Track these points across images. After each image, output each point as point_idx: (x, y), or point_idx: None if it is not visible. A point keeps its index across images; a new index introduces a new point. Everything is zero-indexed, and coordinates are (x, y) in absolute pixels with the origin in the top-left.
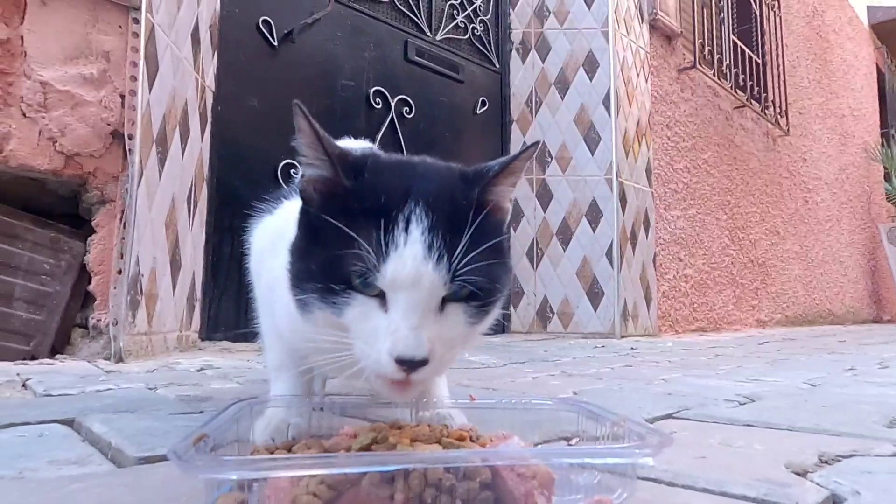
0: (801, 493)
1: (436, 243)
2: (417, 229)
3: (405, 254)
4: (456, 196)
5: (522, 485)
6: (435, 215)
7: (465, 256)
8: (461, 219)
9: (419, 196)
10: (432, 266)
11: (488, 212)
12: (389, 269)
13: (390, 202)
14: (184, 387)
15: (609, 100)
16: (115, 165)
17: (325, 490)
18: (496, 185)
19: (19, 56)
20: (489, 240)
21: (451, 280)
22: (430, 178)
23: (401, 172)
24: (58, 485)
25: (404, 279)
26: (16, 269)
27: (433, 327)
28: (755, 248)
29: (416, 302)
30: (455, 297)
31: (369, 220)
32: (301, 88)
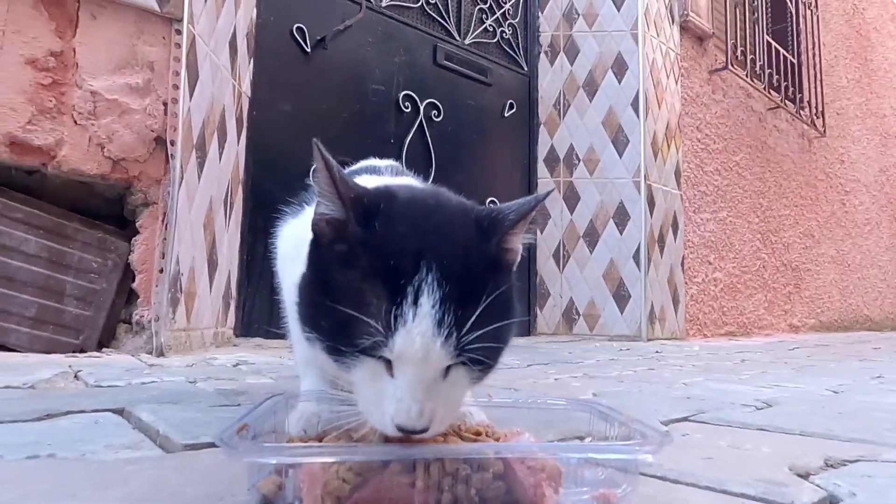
0: (797, 493)
1: (446, 319)
2: (428, 303)
3: (414, 331)
4: (471, 256)
5: (532, 476)
6: (447, 285)
7: (475, 330)
8: (474, 286)
9: (432, 260)
10: (440, 343)
11: (500, 263)
12: (398, 344)
13: (401, 265)
14: (221, 381)
15: (638, 102)
16: (158, 169)
17: (353, 476)
18: (512, 235)
19: (71, 67)
20: (500, 298)
21: (459, 354)
22: (444, 233)
23: (414, 224)
24: (115, 466)
25: (412, 355)
26: (67, 268)
27: (436, 397)
28: (788, 252)
29: (421, 376)
30: (461, 362)
31: (378, 284)
32: (333, 93)
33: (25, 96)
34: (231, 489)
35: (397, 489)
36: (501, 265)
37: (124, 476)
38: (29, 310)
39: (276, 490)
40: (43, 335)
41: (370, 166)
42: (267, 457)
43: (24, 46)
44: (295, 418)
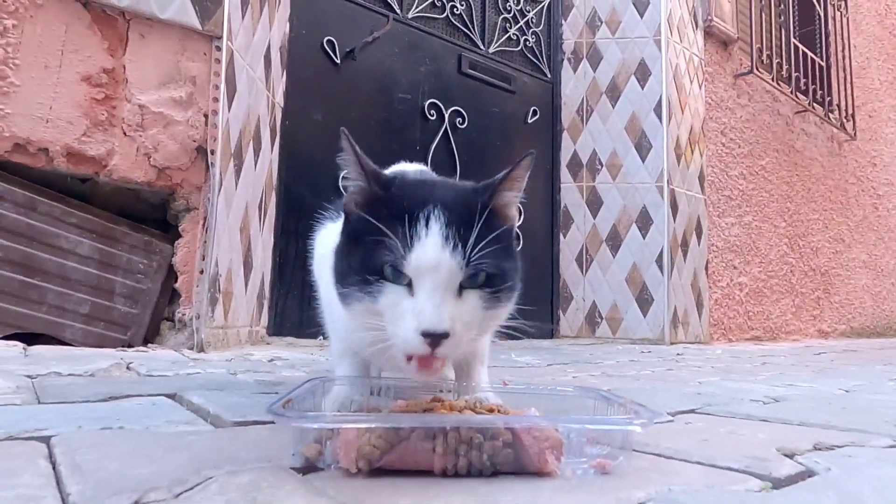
0: (777, 467)
1: (451, 235)
2: (436, 224)
3: (427, 244)
4: (468, 202)
5: (537, 445)
6: (450, 214)
7: (477, 246)
8: (472, 218)
9: (437, 201)
10: (449, 253)
11: (495, 215)
12: (414, 257)
13: (413, 206)
14: (259, 373)
15: (661, 107)
16: (199, 177)
17: (383, 443)
18: (501, 192)
19: (122, 83)
20: (498, 240)
21: (466, 265)
22: (446, 189)
23: (422, 186)
24: (178, 436)
25: (426, 265)
26: (116, 268)
27: (453, 307)
28: (817, 257)
29: (437, 284)
30: (471, 285)
31: (397, 220)
32: (361, 103)
33: (81, 110)
34: (278, 455)
35: (420, 454)
36: (496, 218)
37: (187, 443)
38: (83, 307)
39: (318, 455)
40: (95, 331)
41: (398, 172)
42: (310, 422)
43: (80, 64)
44: (330, 400)
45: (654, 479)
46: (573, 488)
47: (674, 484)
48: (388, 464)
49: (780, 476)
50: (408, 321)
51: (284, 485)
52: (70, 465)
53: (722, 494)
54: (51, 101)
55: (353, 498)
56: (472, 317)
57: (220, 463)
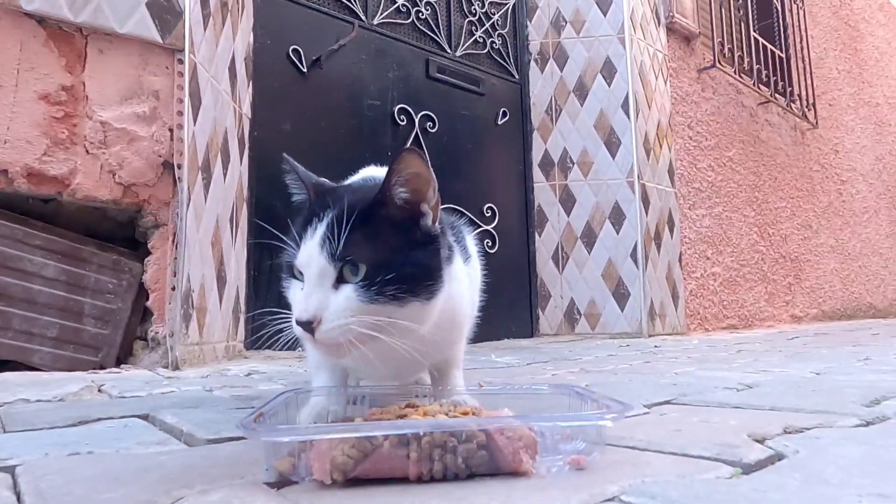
0: (747, 452)
1: (330, 234)
2: (322, 225)
3: (308, 244)
4: (360, 201)
5: (511, 445)
6: (339, 214)
7: (348, 242)
8: (354, 216)
9: (335, 205)
10: (322, 250)
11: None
12: (299, 256)
13: (317, 210)
14: (236, 388)
15: (628, 104)
16: (167, 192)
17: (356, 452)
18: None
19: (82, 100)
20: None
21: (334, 259)
22: (354, 191)
23: (338, 191)
24: (149, 456)
25: (303, 262)
26: (84, 289)
27: (321, 298)
28: (786, 244)
29: (310, 278)
30: (348, 278)
31: (305, 223)
32: (330, 111)
33: (40, 129)
34: (251, 470)
35: (394, 461)
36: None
37: (158, 463)
38: (51, 330)
39: (291, 468)
40: (65, 354)
41: (369, 178)
42: (282, 435)
43: (36, 82)
44: (306, 412)
45: (628, 471)
46: (547, 486)
47: (646, 475)
48: (362, 473)
49: (751, 461)
50: (295, 309)
51: (256, 500)
52: (34, 493)
53: (692, 483)
54: (7, 121)
55: None
56: (343, 305)
57: (192, 482)
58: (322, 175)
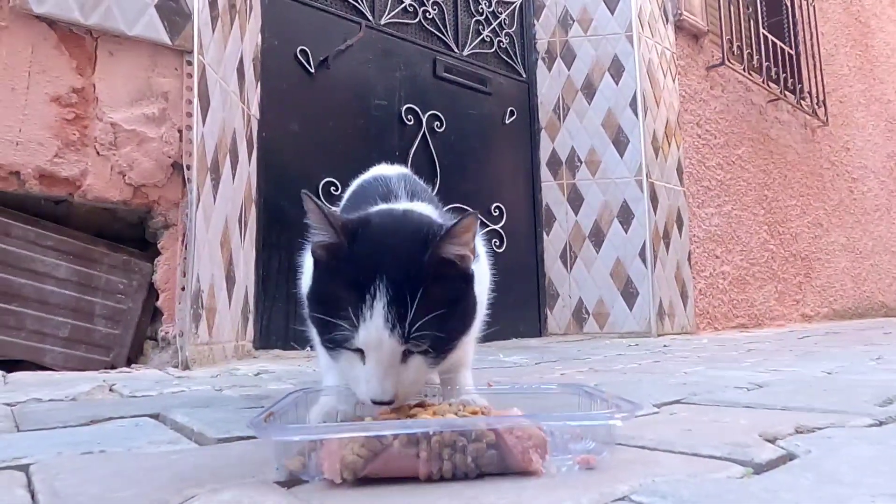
0: (758, 452)
1: (391, 316)
2: (379, 304)
3: (370, 326)
4: (413, 265)
5: (520, 444)
6: (393, 289)
7: (415, 324)
8: (415, 289)
9: (384, 270)
10: (389, 332)
11: (442, 270)
12: (360, 336)
13: (364, 277)
14: (245, 388)
15: (636, 102)
16: (176, 193)
17: (366, 451)
18: (445, 245)
19: (92, 101)
20: (442, 300)
21: (406, 341)
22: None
23: (377, 245)
24: (160, 456)
25: (370, 343)
26: (95, 290)
27: (396, 376)
28: (797, 242)
29: (380, 359)
30: (415, 350)
31: (351, 292)
32: (337, 111)
33: (51, 131)
34: (262, 469)
35: (404, 460)
36: (443, 274)
37: (169, 463)
38: (62, 330)
39: (301, 467)
40: (76, 354)
41: (379, 176)
42: (291, 435)
43: (48, 85)
44: (315, 411)
45: (638, 471)
46: (557, 485)
47: (657, 475)
48: (372, 472)
49: (762, 461)
50: (361, 387)
51: (267, 499)
52: (48, 492)
53: (703, 483)
54: (20, 123)
55: None
56: (416, 376)
57: (203, 481)
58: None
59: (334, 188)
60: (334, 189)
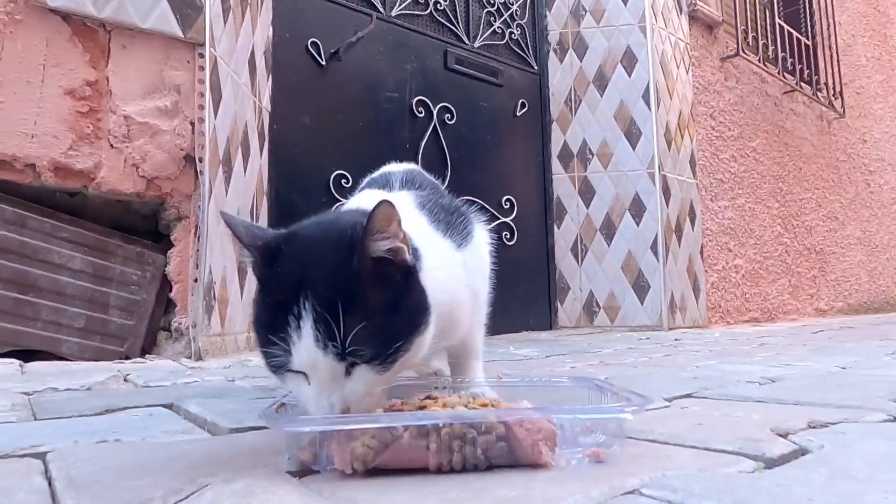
0: (770, 447)
1: (321, 334)
2: (307, 324)
3: (301, 348)
4: (339, 274)
5: (530, 437)
6: (319, 306)
7: (348, 337)
8: (341, 299)
9: (307, 287)
10: (322, 354)
11: (375, 270)
12: (294, 360)
13: (288, 297)
14: (257, 379)
15: (649, 94)
16: (189, 186)
17: (376, 443)
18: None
19: (106, 94)
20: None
21: (343, 357)
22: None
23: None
24: (174, 445)
25: (305, 366)
26: (110, 281)
27: (340, 391)
28: (811, 235)
29: (321, 379)
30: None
31: (278, 315)
32: (348, 104)
33: (66, 124)
34: (273, 459)
35: (414, 452)
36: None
37: (183, 452)
38: (78, 321)
39: (312, 458)
40: (91, 344)
41: (384, 174)
42: (303, 426)
43: (62, 78)
44: None
45: (648, 464)
46: (566, 477)
47: (667, 469)
48: (382, 464)
49: (773, 456)
50: (311, 407)
51: (278, 489)
52: (65, 479)
53: (714, 477)
54: (35, 116)
55: (348, 498)
56: (365, 387)
57: (216, 470)
58: (341, 168)
59: (345, 181)
60: (345, 182)
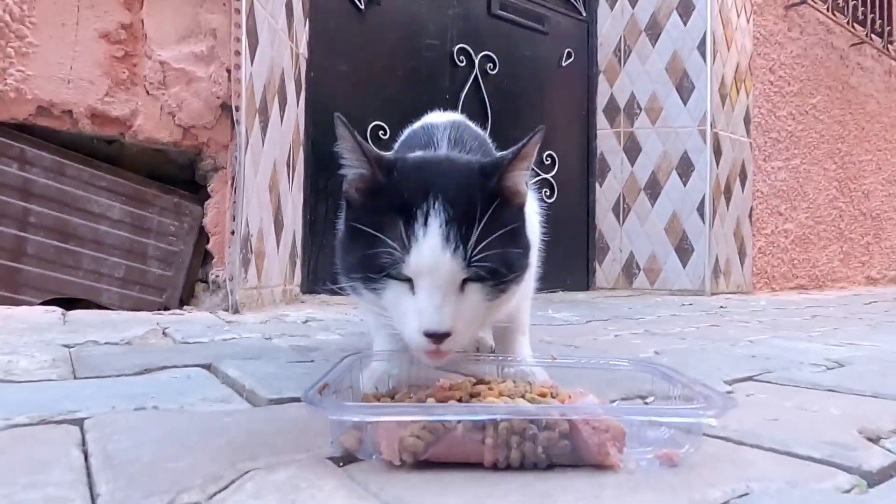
0: (865, 457)
1: (452, 234)
2: (435, 222)
3: (425, 246)
4: (472, 189)
5: (596, 436)
6: (452, 208)
7: (479, 244)
8: (476, 210)
9: (438, 191)
10: (449, 255)
11: (503, 200)
12: (412, 259)
13: (413, 199)
14: (294, 337)
15: (705, 45)
16: (225, 135)
17: (427, 434)
18: (510, 172)
19: (141, 38)
20: (503, 226)
21: (468, 265)
22: (449, 174)
23: (425, 170)
24: (213, 417)
25: (424, 267)
26: (148, 231)
27: (454, 305)
28: (868, 200)
29: (437, 284)
30: (474, 279)
31: (397, 216)
32: (387, 51)
33: (101, 69)
34: (316, 441)
35: (468, 445)
36: (504, 200)
37: (222, 426)
38: (118, 271)
39: (357, 444)
40: (131, 294)
41: (427, 127)
42: (349, 415)
43: (97, 21)
44: (367, 376)
45: (727, 472)
46: (639, 484)
47: (750, 479)
48: (434, 456)
49: (871, 468)
50: (411, 320)
51: (324, 483)
52: (102, 455)
53: (810, 495)
54: (70, 60)
55: (397, 497)
56: (475, 311)
57: (256, 452)
58: (379, 119)
59: (382, 132)
60: (382, 133)
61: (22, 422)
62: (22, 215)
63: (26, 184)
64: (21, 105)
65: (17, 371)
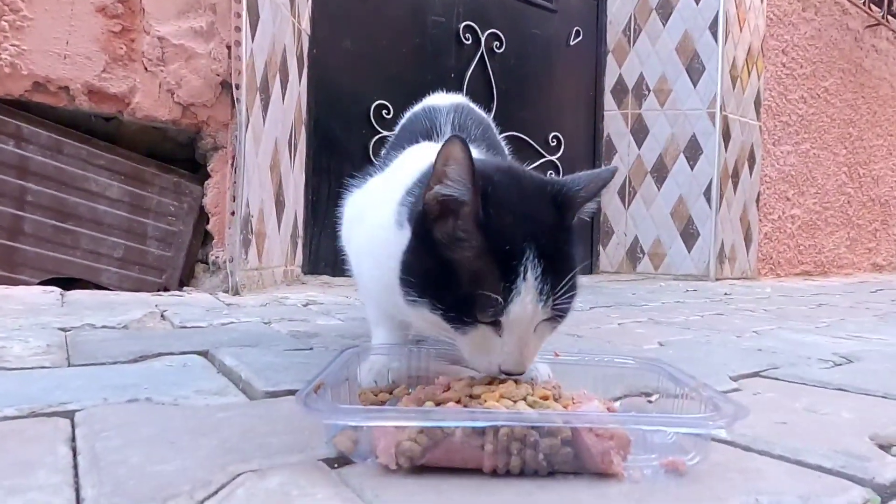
0: (878, 468)
1: (545, 288)
2: (532, 276)
3: (523, 300)
4: (557, 234)
5: (600, 444)
6: (543, 261)
7: (563, 294)
8: (563, 260)
9: (531, 239)
10: (541, 307)
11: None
12: (513, 312)
13: (511, 246)
14: (294, 322)
15: (717, 25)
16: (225, 114)
17: (424, 438)
18: (583, 202)
19: (139, 13)
20: (575, 267)
21: (550, 312)
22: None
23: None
24: (207, 413)
25: (522, 317)
26: (147, 211)
27: (531, 347)
28: (878, 186)
29: (525, 331)
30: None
31: (494, 264)
32: (391, 27)
33: (98, 45)
34: (311, 441)
35: (467, 451)
36: (573, 231)
37: (215, 424)
38: (117, 251)
39: (352, 446)
40: (130, 274)
41: (428, 107)
42: (344, 418)
43: None
44: (365, 370)
45: (736, 483)
46: (644, 496)
47: (760, 492)
48: (431, 461)
49: (885, 481)
50: (493, 356)
51: (317, 492)
52: (90, 455)
53: None
54: (66, 35)
55: None
56: (539, 345)
57: (249, 454)
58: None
59: (386, 111)
60: (386, 112)
61: (11, 414)
62: (19, 193)
63: (23, 161)
64: (17, 81)
65: (10, 357)
